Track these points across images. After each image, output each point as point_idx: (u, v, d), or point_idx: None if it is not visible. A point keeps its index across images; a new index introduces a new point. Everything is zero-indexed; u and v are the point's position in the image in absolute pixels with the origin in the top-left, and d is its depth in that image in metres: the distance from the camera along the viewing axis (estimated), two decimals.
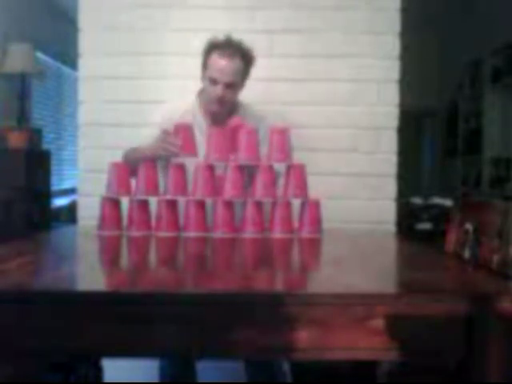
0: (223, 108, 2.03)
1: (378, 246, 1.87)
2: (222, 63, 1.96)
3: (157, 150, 1.91)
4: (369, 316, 1.08)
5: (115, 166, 1.93)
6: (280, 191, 1.93)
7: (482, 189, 5.08)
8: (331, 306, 1.08)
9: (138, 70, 2.54)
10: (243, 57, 1.99)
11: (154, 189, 1.92)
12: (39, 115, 4.72)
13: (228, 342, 1.08)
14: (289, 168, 1.93)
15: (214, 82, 1.98)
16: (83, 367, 1.91)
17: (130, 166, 1.94)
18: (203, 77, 2.04)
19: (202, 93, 2.11)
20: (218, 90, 1.97)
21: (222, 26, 2.52)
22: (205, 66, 2.02)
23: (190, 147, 1.90)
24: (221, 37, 2.01)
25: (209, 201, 1.91)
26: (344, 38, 2.54)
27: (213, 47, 1.99)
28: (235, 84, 2.00)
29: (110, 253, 1.73)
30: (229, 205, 1.88)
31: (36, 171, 3.75)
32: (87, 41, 2.54)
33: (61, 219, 4.31)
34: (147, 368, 2.24)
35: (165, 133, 1.89)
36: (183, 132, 1.90)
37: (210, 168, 1.90)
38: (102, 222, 1.91)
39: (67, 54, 4.52)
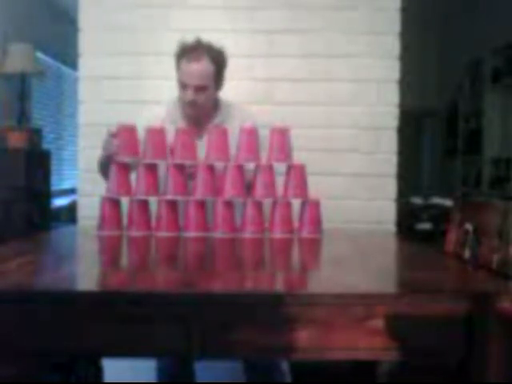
0: (198, 111, 2.03)
1: (378, 246, 1.87)
2: (190, 67, 1.96)
3: (104, 152, 1.96)
4: (369, 316, 1.08)
5: (115, 165, 1.93)
6: (280, 191, 1.93)
7: (482, 189, 5.08)
8: (331, 306, 1.08)
9: (138, 70, 2.54)
10: (213, 59, 1.98)
11: (153, 189, 1.92)
12: (39, 115, 4.73)
13: (228, 341, 1.08)
14: (289, 168, 1.93)
15: (184, 86, 1.98)
16: (83, 367, 1.91)
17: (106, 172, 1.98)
18: (177, 81, 2.04)
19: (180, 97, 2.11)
20: (189, 94, 1.97)
21: (221, 26, 2.52)
22: (177, 70, 2.02)
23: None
24: (190, 39, 1.99)
25: (209, 201, 1.91)
26: (344, 38, 2.55)
27: (181, 53, 1.99)
28: (206, 87, 1.98)
29: (109, 253, 1.73)
30: (229, 205, 1.88)
31: (36, 171, 3.75)
32: (87, 41, 2.54)
33: (61, 219, 4.31)
34: (147, 368, 2.24)
35: (108, 134, 1.93)
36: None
37: (210, 168, 1.90)
38: (102, 222, 1.91)
39: (67, 54, 4.52)
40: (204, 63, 1.96)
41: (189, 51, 1.97)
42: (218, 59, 2.00)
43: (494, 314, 1.08)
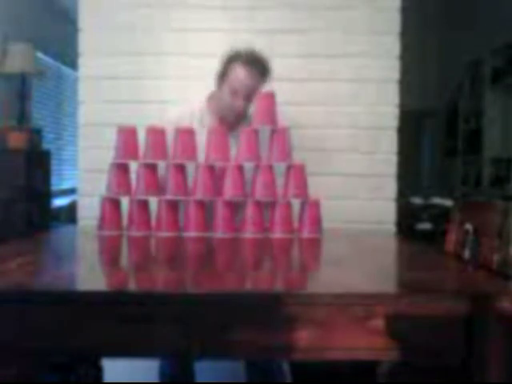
0: (238, 119, 2.05)
1: (378, 246, 1.87)
2: (245, 75, 1.98)
3: None
4: (369, 316, 1.08)
5: (115, 165, 1.93)
6: (280, 191, 1.93)
7: (482, 189, 5.07)
8: (331, 306, 1.08)
9: (138, 69, 2.54)
10: (263, 70, 2.01)
11: (154, 189, 1.92)
12: (39, 115, 4.72)
13: (228, 342, 1.08)
14: (289, 168, 1.93)
15: (234, 93, 2.00)
16: (83, 367, 1.91)
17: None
18: (220, 85, 2.05)
19: (213, 98, 2.11)
20: (239, 101, 2.00)
21: (222, 26, 2.52)
22: (224, 74, 2.03)
23: (190, 151, 1.91)
24: (242, 48, 2.02)
25: (209, 201, 1.91)
26: (344, 38, 2.54)
27: (235, 58, 2.00)
28: (253, 95, 2.00)
29: (109, 253, 1.73)
30: (229, 205, 1.88)
31: (36, 171, 3.75)
32: (87, 41, 2.54)
33: (61, 219, 4.30)
34: (147, 368, 2.24)
35: None
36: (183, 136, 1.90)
37: (210, 168, 1.90)
38: (102, 222, 1.91)
39: (67, 54, 4.52)
40: (257, 74, 1.99)
41: (244, 60, 1.98)
42: (266, 71, 2.02)
43: (493, 314, 1.08)
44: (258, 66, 1.99)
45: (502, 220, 1.45)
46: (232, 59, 2.01)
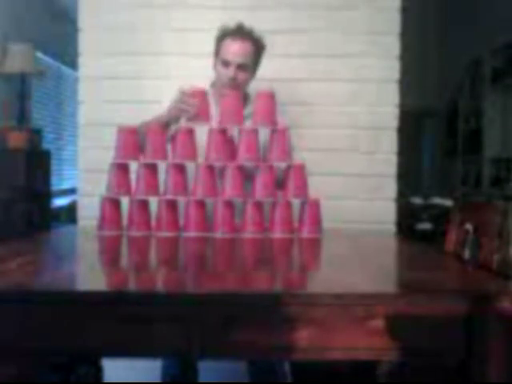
0: (236, 89, 2.04)
1: (378, 245, 1.87)
2: (234, 46, 2.03)
3: (172, 111, 1.95)
4: (369, 316, 1.08)
5: (115, 165, 1.93)
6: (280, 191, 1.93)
7: (482, 189, 5.07)
8: (331, 306, 1.08)
9: (138, 69, 2.54)
10: (254, 42, 2.06)
11: (153, 189, 1.92)
12: (39, 115, 4.72)
13: (228, 342, 1.08)
14: (289, 168, 1.93)
15: (226, 64, 2.03)
16: (83, 367, 1.91)
17: (140, 139, 1.94)
18: (215, 64, 2.08)
19: (214, 84, 2.13)
20: (231, 71, 2.02)
21: None
22: (217, 52, 2.07)
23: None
24: (231, 24, 2.06)
25: (209, 201, 1.91)
26: (344, 38, 2.55)
27: (225, 34, 2.06)
28: (246, 66, 2.04)
29: (109, 253, 1.73)
30: (229, 205, 1.88)
31: (36, 171, 3.75)
32: (87, 41, 2.54)
33: (61, 219, 4.30)
34: (147, 368, 2.24)
35: (182, 93, 1.92)
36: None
37: (211, 168, 1.90)
38: (102, 222, 1.91)
39: (67, 54, 4.52)
40: (248, 44, 2.04)
41: (233, 32, 2.05)
42: (258, 42, 2.08)
43: (493, 314, 1.08)
44: (247, 37, 2.04)
45: (501, 220, 1.45)
46: (222, 37, 2.07)
